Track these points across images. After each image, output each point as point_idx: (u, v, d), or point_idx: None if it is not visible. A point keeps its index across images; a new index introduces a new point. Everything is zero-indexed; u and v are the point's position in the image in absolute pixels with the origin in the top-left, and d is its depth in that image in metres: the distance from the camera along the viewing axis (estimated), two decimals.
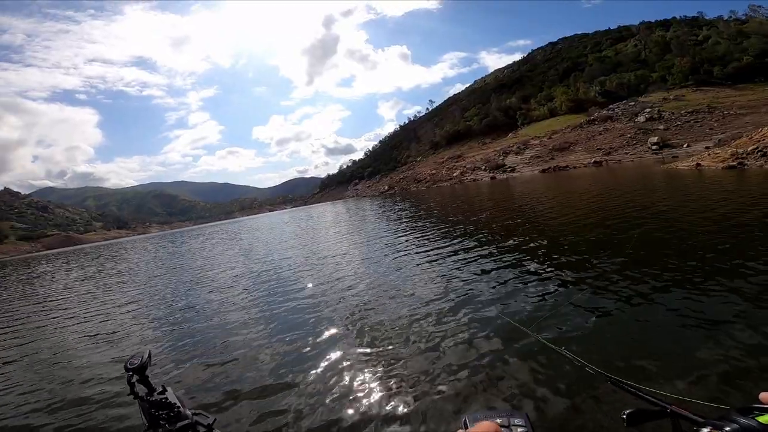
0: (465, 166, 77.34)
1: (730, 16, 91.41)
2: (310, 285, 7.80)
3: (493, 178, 60.33)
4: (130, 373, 1.06)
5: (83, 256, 35.86)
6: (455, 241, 9.85)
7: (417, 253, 9.11)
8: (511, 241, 8.68)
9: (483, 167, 70.33)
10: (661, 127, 56.48)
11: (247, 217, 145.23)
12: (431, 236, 11.21)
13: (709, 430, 0.47)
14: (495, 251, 7.99)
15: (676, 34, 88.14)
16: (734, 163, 17.06)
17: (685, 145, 46.68)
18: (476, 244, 9.05)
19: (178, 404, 0.99)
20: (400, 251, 9.66)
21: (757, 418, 0.46)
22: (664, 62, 78.80)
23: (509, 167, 64.71)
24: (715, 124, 51.18)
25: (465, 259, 7.63)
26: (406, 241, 11.20)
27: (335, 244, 13.23)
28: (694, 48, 77.99)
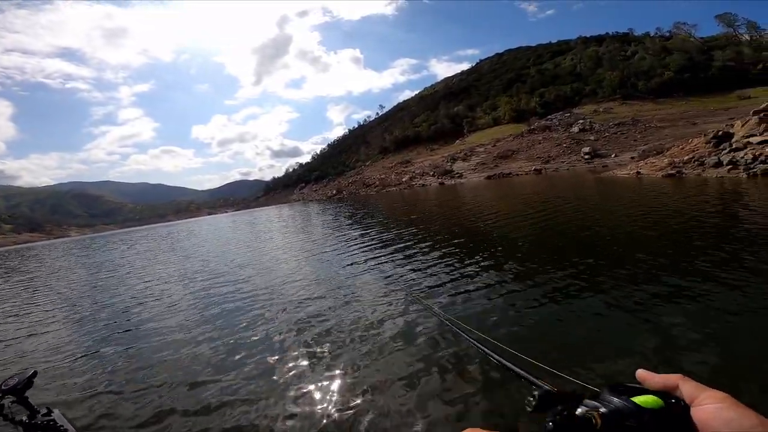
0: (414, 172, 77.45)
1: (656, 33, 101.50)
2: (246, 292, 6.80)
3: (441, 183, 60.64)
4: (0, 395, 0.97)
5: None
6: (405, 245, 9.44)
7: (372, 258, 8.48)
8: (466, 247, 7.96)
9: (431, 173, 70.74)
10: (592, 137, 60.44)
11: (182, 221, 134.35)
12: (389, 243, 9.95)
13: (583, 410, 0.47)
14: (443, 254, 7.89)
15: (608, 49, 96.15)
16: (673, 172, 17.44)
17: (613, 155, 50.01)
18: (425, 247, 8.81)
19: (67, 426, 0.94)
20: (354, 258, 8.86)
21: (632, 399, 0.46)
22: (596, 76, 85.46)
23: (457, 173, 65.60)
24: (638, 136, 55.61)
25: (414, 262, 7.52)
26: (362, 247, 9.94)
27: (285, 260, 11.02)
28: (623, 63, 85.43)
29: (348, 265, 8.12)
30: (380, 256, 8.47)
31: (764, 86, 62.32)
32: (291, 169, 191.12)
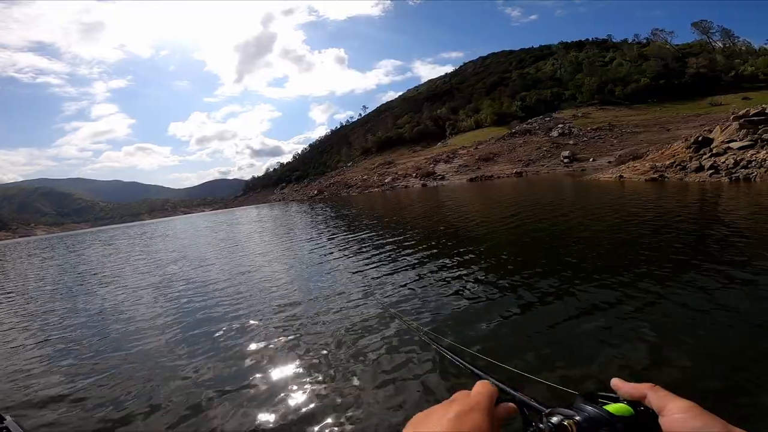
0: (396, 173, 76.96)
1: (634, 39, 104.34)
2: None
3: (424, 185, 60.33)
4: None
5: None
6: (386, 249, 8.88)
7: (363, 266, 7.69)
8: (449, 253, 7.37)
9: (414, 174, 70.41)
10: (571, 142, 61.46)
11: (156, 220, 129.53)
12: (370, 246, 9.28)
13: (559, 419, 0.47)
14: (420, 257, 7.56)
15: (587, 55, 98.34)
16: (655, 176, 17.42)
17: (591, 159, 50.91)
18: (407, 253, 8.33)
19: None
20: (333, 263, 8.31)
21: (605, 407, 0.47)
22: (575, 81, 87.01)
23: (439, 175, 65.48)
24: (615, 141, 56.87)
25: (395, 268, 7.11)
26: (342, 250, 9.28)
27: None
28: (601, 69, 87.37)
29: (328, 272, 7.60)
30: (360, 260, 8.08)
31: (735, 93, 64.85)
32: (272, 169, 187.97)
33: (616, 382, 0.52)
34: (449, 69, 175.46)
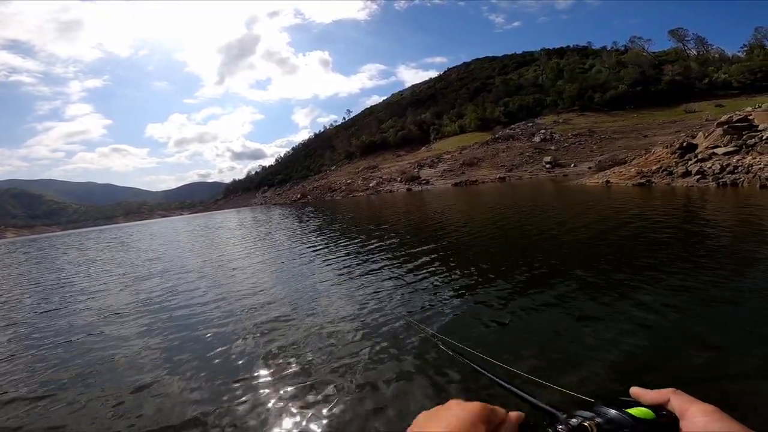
0: (381, 177, 76.62)
1: (613, 47, 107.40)
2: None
3: (409, 189, 60.08)
4: None
5: None
6: (380, 255, 8.39)
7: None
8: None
9: (399, 179, 70.18)
10: (553, 147, 62.38)
11: (132, 224, 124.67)
12: (363, 252, 8.46)
13: (579, 420, 0.47)
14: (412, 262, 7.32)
15: (568, 61, 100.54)
16: (642, 181, 17.43)
17: (572, 165, 51.70)
18: (401, 259, 7.96)
19: None
20: (329, 269, 7.86)
21: (628, 411, 0.47)
22: (557, 87, 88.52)
23: (424, 180, 65.41)
24: (595, 147, 57.97)
25: (392, 274, 6.84)
26: (332, 257, 8.47)
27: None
28: (581, 75, 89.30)
29: (324, 280, 7.02)
30: (353, 267, 7.74)
31: (709, 100, 67.13)
32: (253, 172, 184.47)
33: (635, 390, 0.52)
34: (433, 74, 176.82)
